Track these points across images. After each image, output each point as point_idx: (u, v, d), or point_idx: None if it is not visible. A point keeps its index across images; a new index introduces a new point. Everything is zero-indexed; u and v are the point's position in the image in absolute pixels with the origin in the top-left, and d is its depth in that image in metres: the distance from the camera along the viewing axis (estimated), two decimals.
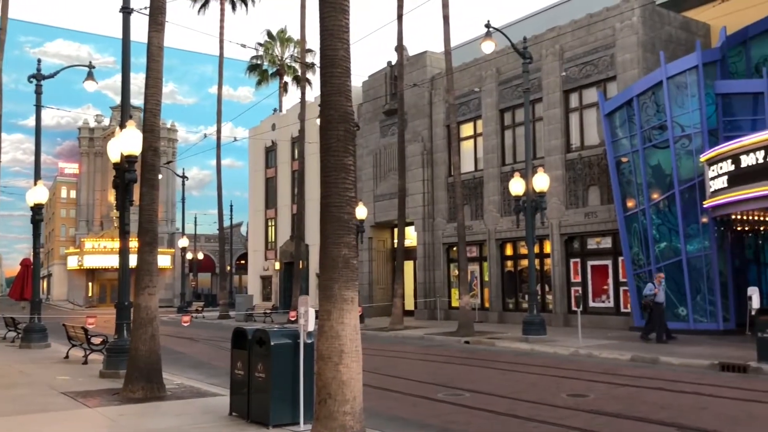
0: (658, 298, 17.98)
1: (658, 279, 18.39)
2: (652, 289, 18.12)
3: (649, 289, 18.21)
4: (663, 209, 20.36)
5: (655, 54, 21.51)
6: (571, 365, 14.46)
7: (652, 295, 18.04)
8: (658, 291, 18.03)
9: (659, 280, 18.34)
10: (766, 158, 15.75)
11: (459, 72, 27.93)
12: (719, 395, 10.57)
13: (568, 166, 24.22)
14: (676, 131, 19.82)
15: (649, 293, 18.16)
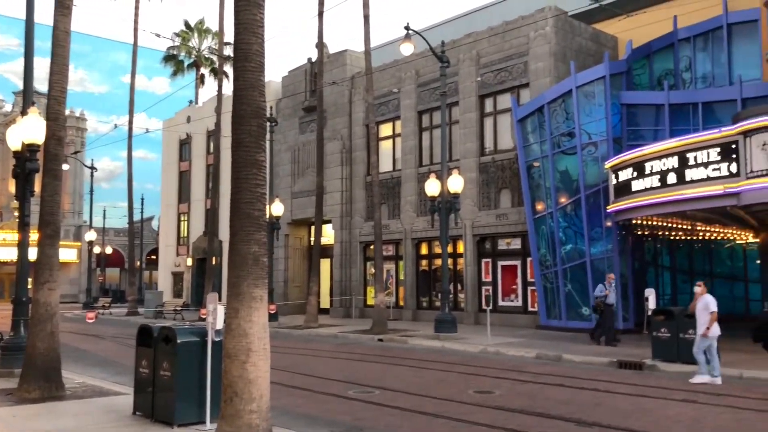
0: (609, 300, 17.42)
1: (609, 280, 17.72)
2: (602, 290, 17.52)
3: (600, 290, 17.62)
4: (570, 213, 21.20)
5: (566, 63, 22.36)
6: (480, 362, 14.85)
7: (603, 297, 17.46)
8: (609, 292, 17.43)
9: (610, 281, 17.66)
10: (662, 167, 16.65)
11: (379, 72, 28.12)
12: (616, 391, 11.11)
13: (482, 169, 24.83)
14: (584, 138, 20.68)
15: (600, 294, 17.58)
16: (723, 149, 15.27)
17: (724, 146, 15.25)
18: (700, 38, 22.58)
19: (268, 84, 33.82)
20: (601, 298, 17.52)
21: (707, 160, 15.57)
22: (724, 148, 15.24)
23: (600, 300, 17.55)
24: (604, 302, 17.42)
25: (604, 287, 17.56)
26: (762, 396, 10.44)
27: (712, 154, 15.46)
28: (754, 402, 10.00)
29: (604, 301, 17.40)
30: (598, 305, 17.67)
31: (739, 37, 21.70)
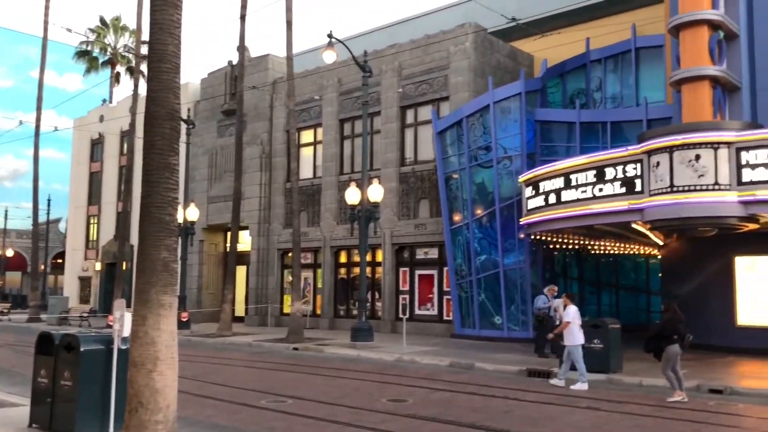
0: (551, 312, 16.92)
1: (551, 291, 17.37)
2: (546, 301, 17.20)
3: (543, 301, 17.28)
4: (485, 224, 21.72)
5: (484, 79, 22.95)
6: (395, 371, 14.95)
7: (546, 308, 17.09)
8: (552, 304, 16.95)
9: (552, 292, 17.31)
10: (572, 182, 17.32)
11: (301, 78, 27.99)
12: (525, 399, 11.42)
13: (402, 179, 25.09)
14: (500, 153, 21.26)
15: (542, 306, 17.19)
16: (629, 167, 16.01)
17: (629, 164, 16.00)
18: (611, 60, 23.68)
19: (187, 86, 33.12)
20: (544, 310, 17.09)
21: (614, 176, 16.29)
22: (630, 166, 15.98)
23: (543, 312, 17.10)
24: (547, 314, 16.87)
25: (547, 298, 17.20)
26: (658, 403, 10.97)
27: (619, 171, 16.19)
28: (650, 409, 10.50)
29: (548, 313, 16.91)
30: (542, 317, 17.08)
31: (646, 60, 22.89)
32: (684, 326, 11.54)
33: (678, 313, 11.65)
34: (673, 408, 10.49)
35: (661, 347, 11.42)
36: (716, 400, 11.44)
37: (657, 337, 11.60)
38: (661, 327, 11.77)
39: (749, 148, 14.48)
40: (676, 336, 11.34)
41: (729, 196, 14.53)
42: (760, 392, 11.99)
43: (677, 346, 11.32)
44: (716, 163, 14.66)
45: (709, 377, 13.31)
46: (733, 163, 14.56)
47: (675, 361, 11.35)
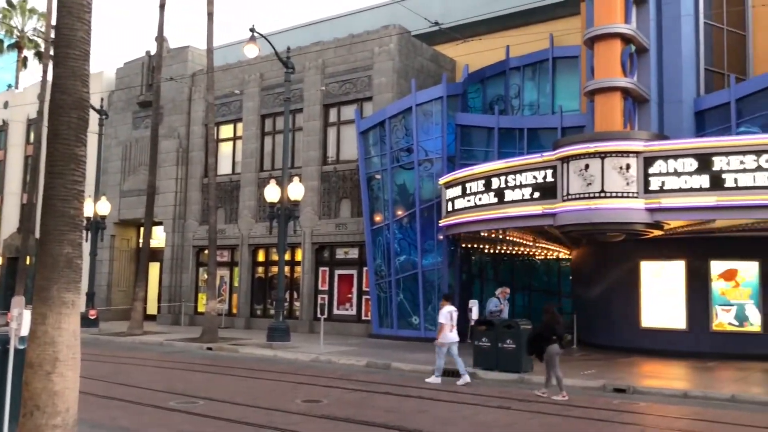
0: (504, 314, 17.07)
1: (503, 294, 17.19)
2: (497, 304, 17.00)
3: (494, 304, 17.05)
4: (405, 225, 21.88)
5: (407, 81, 23.12)
6: (311, 371, 14.82)
7: (498, 311, 16.95)
8: (504, 307, 16.95)
9: (504, 294, 17.15)
10: (490, 186, 17.69)
11: (222, 72, 27.38)
12: (439, 399, 11.55)
13: (324, 178, 24.94)
14: (421, 155, 21.47)
15: (494, 309, 16.98)
16: (544, 173, 16.50)
17: (544, 170, 16.49)
18: (529, 68, 24.33)
19: (101, 74, 31.81)
20: (496, 313, 16.87)
21: (530, 182, 16.75)
22: (545, 172, 16.47)
23: (495, 314, 16.84)
24: (499, 317, 16.65)
25: (499, 301, 16.93)
26: (567, 402, 11.33)
27: (534, 177, 16.66)
28: (559, 408, 10.83)
29: (500, 316, 16.76)
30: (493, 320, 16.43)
31: (563, 70, 23.65)
32: (561, 327, 12.21)
33: (556, 315, 12.33)
34: (581, 407, 10.85)
35: (542, 348, 11.91)
36: (620, 399, 11.92)
37: (537, 339, 12.14)
38: (541, 329, 12.39)
39: (656, 158, 15.18)
40: (554, 336, 11.91)
41: (636, 203, 15.19)
42: (660, 391, 12.60)
43: (557, 346, 11.92)
44: (627, 171, 15.30)
45: (614, 377, 13.86)
46: (641, 171, 15.23)
47: (555, 360, 11.91)
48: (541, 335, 12.18)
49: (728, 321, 17.74)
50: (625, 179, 15.27)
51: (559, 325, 12.18)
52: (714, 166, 14.65)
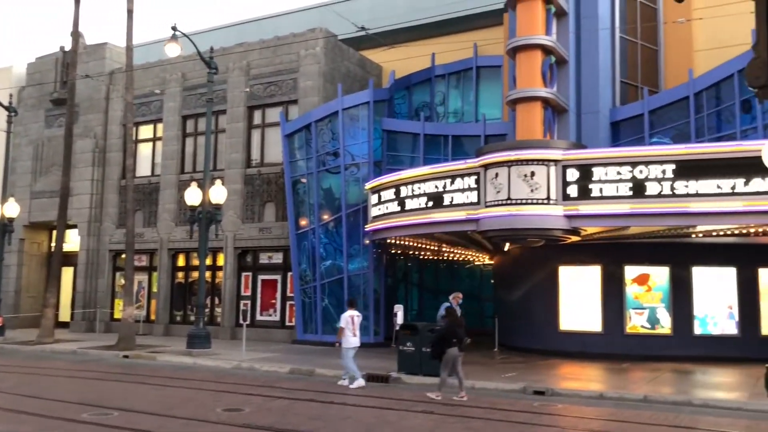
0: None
1: (456, 299, 16.72)
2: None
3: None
4: (331, 230, 21.76)
5: (334, 85, 23.04)
6: (232, 379, 14.48)
7: None
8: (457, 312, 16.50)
9: (457, 300, 16.68)
10: (415, 191, 17.83)
11: (142, 70, 26.55)
12: (363, 404, 11.49)
13: (247, 181, 24.51)
14: (347, 159, 21.43)
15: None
16: (468, 179, 16.75)
17: (468, 176, 16.74)
18: (454, 76, 24.74)
19: (10, 69, 30.36)
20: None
21: (454, 187, 16.97)
22: (469, 179, 16.73)
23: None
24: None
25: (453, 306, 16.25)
26: (489, 405, 11.49)
27: (458, 183, 16.90)
28: (481, 411, 10.97)
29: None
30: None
31: (486, 79, 24.16)
32: (462, 330, 12.43)
33: (457, 318, 12.67)
34: (502, 410, 11.02)
35: (443, 350, 12.14)
36: (539, 401, 12.19)
37: (440, 342, 12.33)
38: (443, 332, 12.58)
39: (573, 167, 15.66)
40: (455, 339, 12.13)
41: (556, 210, 15.63)
42: (578, 393, 12.98)
43: (456, 349, 12.13)
44: (547, 178, 15.71)
45: (533, 379, 14.18)
46: (560, 179, 15.68)
47: (456, 363, 12.13)
48: (443, 338, 12.35)
49: (641, 324, 18.49)
50: (547, 186, 15.67)
51: (460, 328, 12.42)
52: (628, 175, 15.23)
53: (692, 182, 14.62)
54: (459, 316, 12.82)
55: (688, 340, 18.01)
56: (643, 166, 15.15)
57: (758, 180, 13.88)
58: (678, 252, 18.12)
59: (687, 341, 17.97)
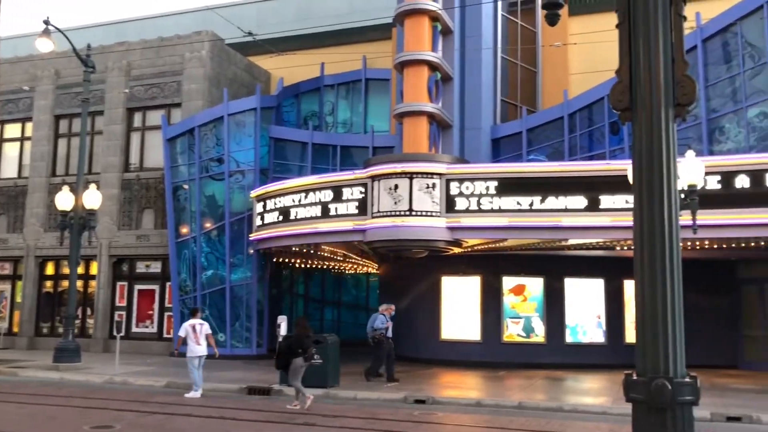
0: (389, 332, 16.10)
1: (389, 310, 16.42)
2: (384, 321, 16.03)
3: (381, 321, 16.02)
4: (214, 238, 21.17)
5: (220, 89, 22.50)
6: (103, 394, 13.68)
7: (383, 328, 15.96)
8: (389, 324, 16.13)
9: (390, 311, 16.41)
10: (302, 200, 17.70)
11: (10, 65, 24.77)
12: (242, 418, 11.19)
13: (125, 186, 23.39)
14: (232, 166, 20.96)
15: (381, 327, 15.95)
16: (355, 190, 16.83)
17: (356, 187, 16.83)
18: (343, 87, 24.85)
19: None
20: (381, 330, 15.94)
21: (341, 198, 17.00)
22: (356, 189, 16.82)
23: (380, 332, 15.93)
24: (384, 335, 15.90)
25: (386, 318, 16.14)
26: (370, 416, 11.52)
27: (346, 193, 16.94)
28: (362, 422, 10.96)
29: (385, 333, 15.95)
30: (379, 339, 15.83)
31: (375, 91, 24.45)
32: (309, 340, 12.57)
33: (306, 328, 12.78)
34: (383, 419, 11.08)
35: (289, 361, 12.22)
36: (420, 409, 12.37)
37: (286, 353, 12.38)
38: (290, 343, 12.67)
39: (456, 180, 16.12)
40: (300, 350, 12.23)
41: (439, 222, 16.00)
42: (457, 401, 13.29)
43: (301, 359, 12.22)
44: (431, 191, 16.07)
45: (415, 388, 14.39)
46: (444, 192, 16.09)
47: (300, 373, 12.21)
48: (290, 348, 12.37)
49: (517, 332, 19.26)
50: (431, 198, 16.03)
51: (308, 338, 12.51)
52: (508, 191, 15.83)
53: (561, 198, 15.43)
54: (308, 326, 12.94)
55: (561, 348, 18.95)
56: (520, 181, 15.83)
57: (624, 197, 14.84)
58: (552, 264, 19.05)
59: (559, 349, 18.90)
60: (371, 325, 16.11)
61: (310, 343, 12.48)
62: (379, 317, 16.17)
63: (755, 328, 19.05)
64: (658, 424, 3.23)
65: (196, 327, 14.02)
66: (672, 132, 3.34)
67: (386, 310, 16.39)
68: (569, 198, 15.38)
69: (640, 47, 3.40)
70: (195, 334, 13.91)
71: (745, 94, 16.26)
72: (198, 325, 14.07)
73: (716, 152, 16.39)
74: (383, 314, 16.25)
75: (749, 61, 16.32)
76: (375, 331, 15.95)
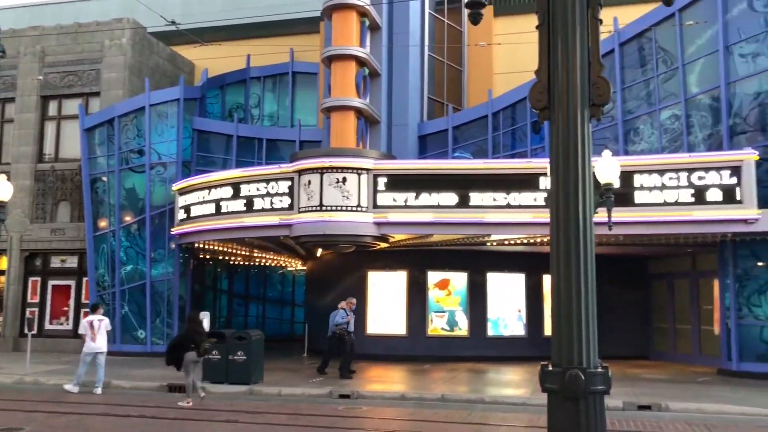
0: (350, 326, 15.97)
1: (350, 305, 16.23)
2: (344, 316, 15.89)
3: (341, 316, 15.88)
4: (133, 232, 20.52)
5: (141, 79, 21.80)
6: (12, 395, 13.06)
7: (345, 323, 15.81)
8: (351, 318, 16.00)
9: (351, 306, 16.23)
10: (225, 195, 17.37)
11: None
12: (163, 416, 10.91)
13: (39, 177, 22.34)
14: (154, 158, 20.36)
15: (342, 321, 15.80)
16: (282, 184, 16.66)
17: (282, 181, 16.65)
18: (270, 80, 24.52)
19: None
20: (342, 326, 15.78)
21: (267, 192, 16.79)
22: (283, 183, 16.64)
23: (341, 327, 15.77)
24: (345, 330, 15.78)
25: (346, 313, 15.97)
26: (294, 411, 11.47)
27: (272, 188, 16.74)
28: (286, 417, 10.90)
29: (346, 328, 15.82)
30: (341, 334, 15.70)
31: (302, 85, 24.24)
32: (200, 335, 12.52)
33: (197, 323, 12.76)
34: (307, 415, 11.05)
35: (181, 356, 12.15)
36: (345, 404, 12.39)
37: (177, 348, 12.32)
38: (181, 338, 12.66)
39: (383, 176, 16.20)
40: (193, 345, 12.19)
41: (366, 217, 16.05)
42: (382, 394, 13.39)
43: (194, 354, 12.17)
44: (358, 186, 16.09)
45: (340, 383, 14.40)
46: (371, 188, 16.14)
47: (193, 368, 12.17)
48: (181, 343, 12.32)
49: (441, 326, 19.57)
50: (359, 194, 16.04)
51: (199, 334, 12.43)
52: (428, 187, 16.00)
53: (485, 194, 15.76)
54: (200, 321, 12.91)
55: (483, 341, 19.39)
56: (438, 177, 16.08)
57: (544, 194, 15.29)
58: (475, 259, 19.44)
59: (482, 342, 19.33)
60: (333, 321, 16.01)
61: (201, 338, 12.36)
62: (339, 312, 16.09)
63: (664, 321, 20.04)
64: (571, 413, 3.34)
65: (94, 323, 13.78)
66: (587, 131, 3.46)
67: (347, 304, 16.25)
68: (492, 194, 15.71)
69: (559, 48, 3.51)
70: (92, 330, 13.69)
71: (658, 97, 17.04)
72: (97, 321, 13.81)
73: (631, 152, 17.11)
74: (344, 308, 16.15)
75: (662, 65, 17.11)
76: (338, 327, 15.87)
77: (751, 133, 15.73)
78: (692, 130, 16.48)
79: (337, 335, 15.80)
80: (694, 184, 14.75)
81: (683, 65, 16.59)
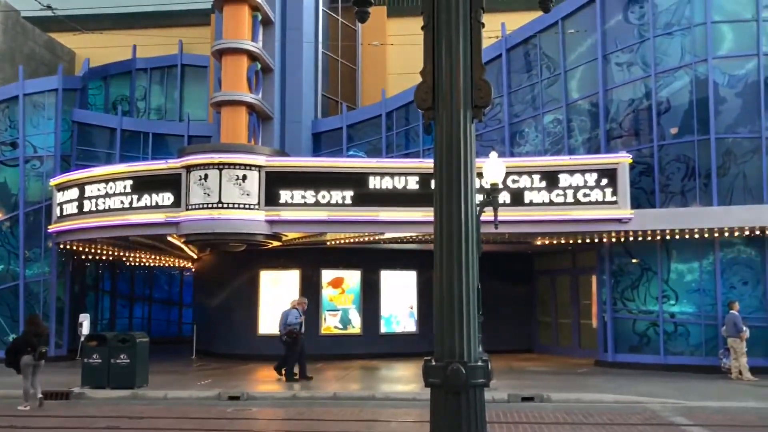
0: (302, 328, 15.29)
1: (302, 304, 15.53)
2: (297, 316, 15.15)
3: (295, 316, 15.12)
4: (5, 230, 19.21)
5: (14, 66, 20.42)
6: None
7: (297, 324, 15.03)
8: (303, 319, 15.32)
9: (303, 306, 15.52)
10: (109, 191, 16.55)
11: None
12: (35, 426, 10.27)
13: None
14: (29, 151, 19.14)
15: (295, 321, 15.03)
16: (166, 180, 16.03)
17: (167, 178, 16.02)
18: (157, 72, 23.57)
19: None
20: (295, 326, 15.03)
21: (152, 188, 16.12)
22: (168, 180, 16.01)
23: (294, 328, 15.00)
24: (299, 330, 15.08)
25: (299, 313, 15.28)
26: (181, 415, 11.09)
27: (157, 184, 16.09)
28: (172, 421, 10.52)
29: (299, 329, 15.11)
30: (295, 334, 14.96)
31: (191, 78, 23.46)
32: (39, 338, 12.14)
33: (38, 325, 12.43)
34: (195, 418, 10.71)
35: (17, 360, 11.81)
36: (234, 406, 12.10)
37: (15, 351, 11.96)
38: (17, 341, 12.36)
39: (276, 173, 15.94)
40: (29, 348, 11.86)
41: (258, 215, 15.74)
42: (272, 395, 13.21)
43: (30, 357, 11.83)
44: (250, 183, 15.75)
45: (229, 385, 14.06)
46: (263, 185, 15.85)
47: (30, 372, 11.81)
48: (16, 347, 11.97)
49: (335, 325, 19.55)
50: (250, 191, 15.71)
51: (37, 337, 12.06)
52: (322, 185, 15.91)
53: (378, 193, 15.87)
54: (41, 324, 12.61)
55: (376, 338, 19.55)
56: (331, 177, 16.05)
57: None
58: (369, 257, 19.56)
59: (375, 339, 19.48)
60: (284, 321, 15.22)
61: (38, 341, 11.90)
62: (292, 312, 15.33)
63: (547, 315, 21.00)
64: (454, 406, 3.40)
65: None
66: (470, 131, 3.53)
67: (299, 304, 15.60)
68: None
69: (443, 50, 3.56)
70: None
71: (542, 102, 17.81)
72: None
73: (517, 154, 17.78)
74: (296, 308, 15.45)
75: (546, 71, 17.90)
76: (290, 327, 15.06)
77: (626, 137, 16.77)
78: (573, 134, 17.36)
79: (292, 336, 15.01)
80: (573, 185, 15.52)
81: (565, 71, 17.43)
